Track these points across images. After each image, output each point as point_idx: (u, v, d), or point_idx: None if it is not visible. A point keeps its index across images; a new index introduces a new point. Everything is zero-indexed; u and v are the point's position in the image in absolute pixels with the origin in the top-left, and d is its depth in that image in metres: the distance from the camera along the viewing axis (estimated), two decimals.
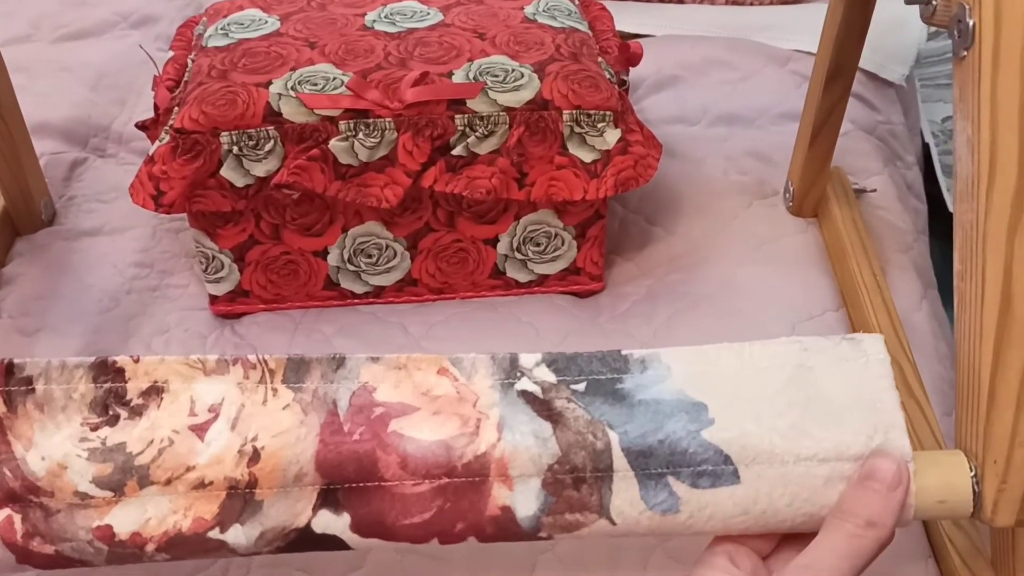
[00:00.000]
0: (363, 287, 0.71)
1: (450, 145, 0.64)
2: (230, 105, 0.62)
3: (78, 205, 0.80)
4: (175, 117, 0.63)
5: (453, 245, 0.69)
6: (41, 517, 0.41)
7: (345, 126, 0.63)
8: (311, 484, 0.42)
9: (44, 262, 0.75)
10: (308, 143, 0.63)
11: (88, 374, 0.43)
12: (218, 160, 0.63)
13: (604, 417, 0.42)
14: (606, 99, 0.65)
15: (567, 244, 0.70)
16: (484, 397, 0.43)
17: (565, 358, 0.44)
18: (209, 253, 0.68)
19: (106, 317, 0.70)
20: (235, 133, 0.62)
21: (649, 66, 0.91)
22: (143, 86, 0.92)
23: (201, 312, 0.71)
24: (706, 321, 0.69)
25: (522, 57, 0.67)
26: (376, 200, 0.64)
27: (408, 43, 0.68)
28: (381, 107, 0.63)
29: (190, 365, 0.43)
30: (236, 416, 0.42)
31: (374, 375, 0.43)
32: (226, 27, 0.71)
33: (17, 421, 0.42)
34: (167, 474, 0.41)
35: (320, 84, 0.64)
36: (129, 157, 0.86)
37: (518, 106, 0.64)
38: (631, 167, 0.65)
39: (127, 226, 0.78)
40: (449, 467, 0.41)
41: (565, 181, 0.65)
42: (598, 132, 0.65)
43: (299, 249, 0.68)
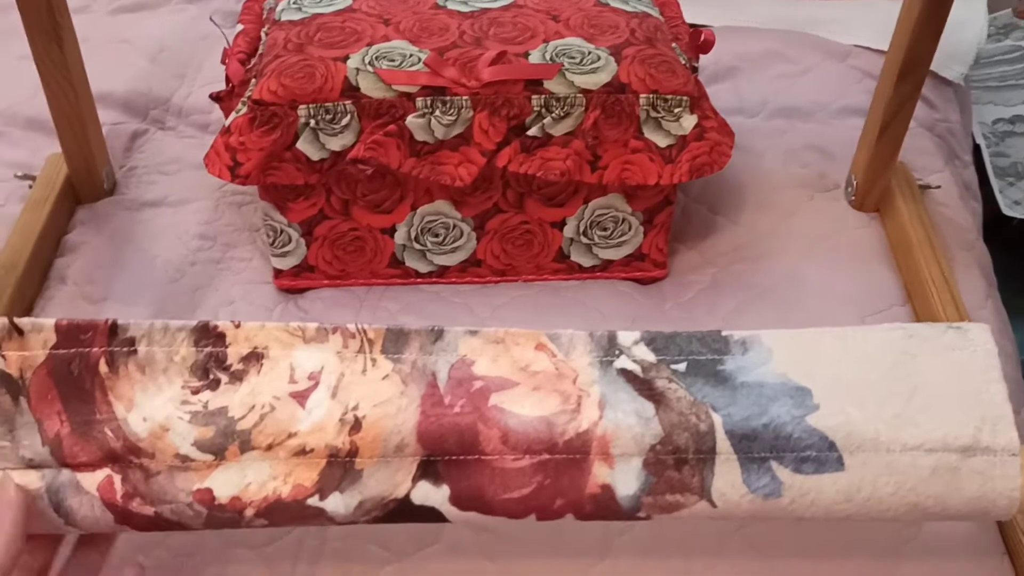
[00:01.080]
0: (427, 266, 0.71)
1: (525, 125, 0.64)
2: (308, 78, 0.62)
3: (139, 176, 0.80)
4: (253, 88, 0.63)
5: (520, 227, 0.69)
6: (141, 478, 0.41)
7: (422, 103, 0.63)
8: (411, 455, 0.41)
9: (107, 231, 0.75)
10: (385, 119, 0.63)
11: (190, 337, 0.42)
12: (294, 133, 0.63)
13: (707, 399, 0.42)
14: (683, 84, 0.64)
15: (634, 229, 0.70)
16: (583, 374, 0.43)
17: (664, 337, 0.44)
18: (277, 226, 0.68)
19: (171, 288, 0.70)
20: (313, 106, 0.62)
21: (707, 57, 0.90)
22: (202, 61, 0.92)
23: (265, 286, 0.71)
24: (772, 312, 0.68)
25: (597, 40, 0.66)
26: (450, 178, 0.64)
27: (482, 22, 0.68)
28: (458, 85, 0.63)
29: (290, 332, 0.43)
30: (336, 384, 0.42)
31: (472, 348, 0.43)
32: (298, 2, 0.70)
33: (119, 382, 0.42)
34: (268, 440, 0.41)
35: (397, 60, 0.63)
36: (188, 130, 0.86)
37: (595, 88, 0.63)
38: (706, 153, 0.65)
39: (189, 198, 0.78)
40: (550, 443, 0.41)
41: (639, 165, 0.65)
42: (674, 117, 0.64)
43: (367, 226, 0.68)
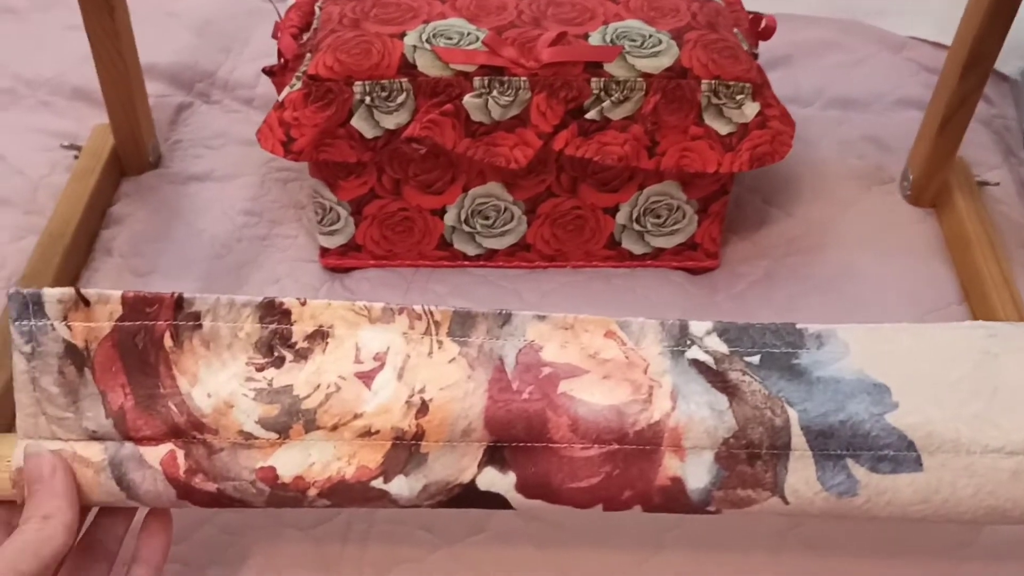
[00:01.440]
0: (475, 249, 0.70)
1: (584, 108, 0.62)
2: (365, 54, 0.61)
3: (184, 149, 0.80)
4: (308, 63, 0.62)
5: (572, 212, 0.68)
6: (204, 454, 0.41)
7: (480, 82, 0.61)
8: (478, 440, 0.40)
9: (152, 204, 0.74)
10: (441, 97, 0.61)
11: (255, 314, 0.42)
12: (349, 110, 0.62)
13: (782, 393, 0.40)
14: (746, 71, 0.63)
15: (688, 218, 0.68)
16: (654, 364, 0.42)
17: (737, 328, 0.43)
18: (327, 204, 0.67)
19: (218, 263, 0.69)
20: (368, 83, 0.61)
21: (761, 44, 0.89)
22: (248, 35, 0.91)
23: (310, 264, 0.70)
24: (828, 307, 0.67)
25: (658, 23, 0.65)
26: (505, 160, 0.63)
27: (540, 3, 0.66)
28: (517, 65, 0.61)
29: (356, 311, 0.42)
30: (402, 366, 0.41)
31: (540, 334, 0.42)
32: None
33: (183, 356, 0.41)
34: (334, 420, 0.40)
35: (455, 39, 0.62)
36: (234, 104, 0.85)
37: (656, 72, 0.62)
38: (768, 142, 0.63)
39: (235, 174, 0.77)
40: (621, 433, 0.40)
41: (699, 152, 0.63)
42: (736, 104, 0.63)
43: (417, 206, 0.67)
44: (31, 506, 0.41)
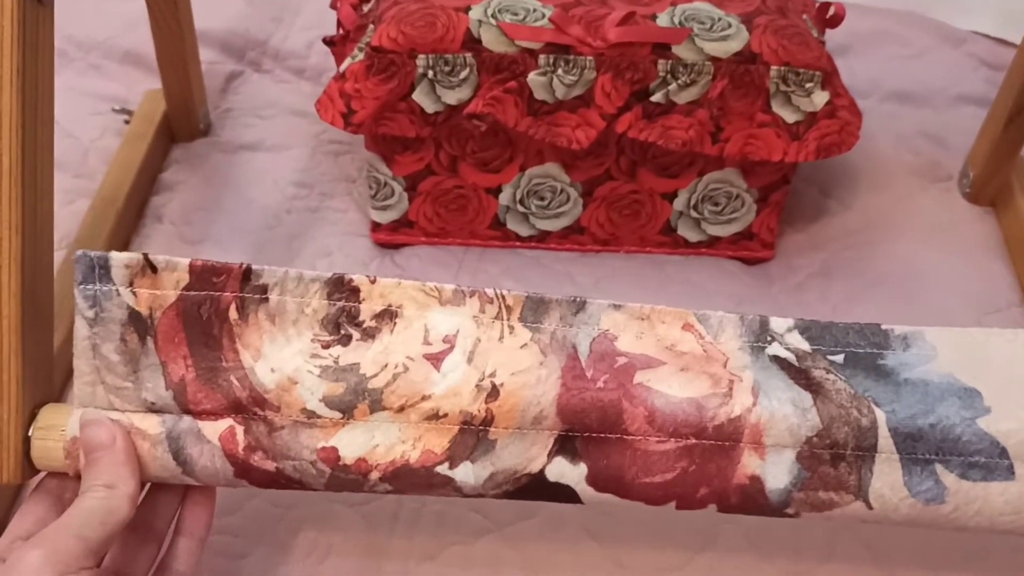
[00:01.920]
0: (528, 230, 0.69)
1: (649, 91, 0.61)
2: (429, 27, 0.60)
3: (235, 118, 0.79)
4: (371, 34, 0.61)
5: (629, 196, 0.67)
6: (265, 432, 0.40)
7: (544, 60, 0.60)
8: (549, 429, 0.40)
9: (203, 172, 0.74)
10: (505, 74, 0.60)
11: (324, 290, 0.41)
12: (411, 83, 0.61)
13: (869, 393, 0.39)
14: (817, 58, 0.61)
15: (747, 207, 0.67)
16: (734, 359, 0.41)
17: (819, 326, 0.42)
18: (381, 179, 0.66)
19: (269, 234, 0.69)
20: (432, 56, 0.60)
21: None
22: (300, 5, 0.90)
23: (361, 239, 0.69)
24: (886, 303, 0.66)
25: (728, 6, 0.63)
26: (567, 140, 0.62)
27: None
28: (583, 44, 0.60)
29: (426, 292, 0.41)
30: (472, 349, 0.40)
31: (615, 323, 0.41)
32: None
33: (247, 329, 0.40)
34: (401, 401, 0.40)
35: (521, 15, 0.61)
36: (284, 75, 0.84)
37: (724, 57, 0.61)
38: (836, 132, 0.62)
39: (286, 144, 0.76)
40: (699, 427, 0.39)
41: (764, 140, 0.62)
42: (805, 92, 0.61)
43: (473, 184, 0.66)
44: (92, 474, 0.40)
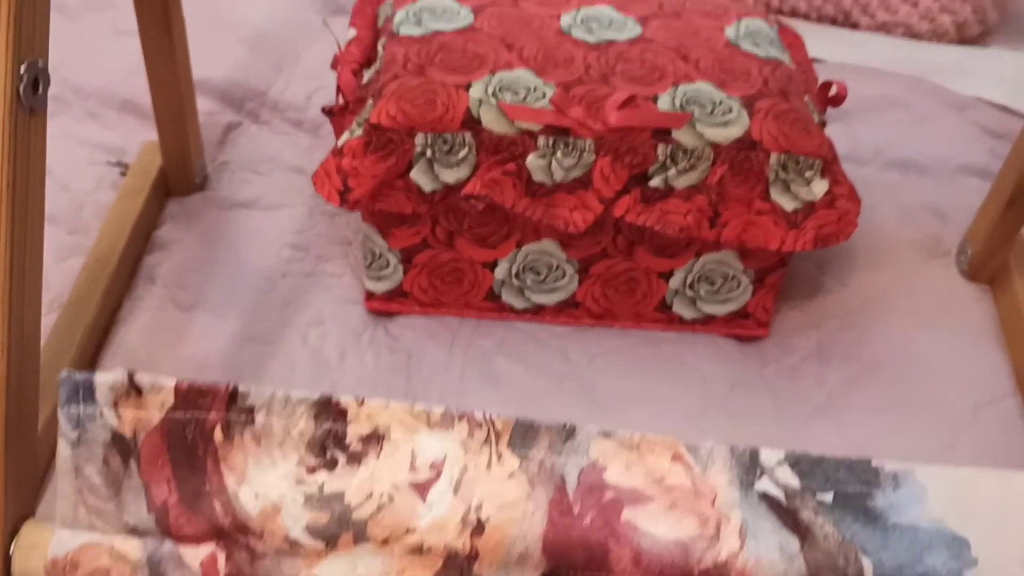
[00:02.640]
0: (524, 303, 0.68)
1: (648, 175, 0.61)
2: (429, 105, 0.60)
3: (232, 172, 0.78)
4: (370, 110, 0.60)
5: (625, 273, 0.67)
6: (247, 559, 0.39)
7: (544, 142, 0.60)
8: (534, 567, 0.39)
9: (198, 230, 0.73)
10: (504, 155, 0.60)
11: (310, 411, 0.40)
12: (409, 161, 0.60)
13: (856, 539, 0.39)
14: (817, 146, 0.61)
15: (743, 287, 0.67)
16: (723, 495, 0.40)
17: (809, 460, 0.41)
18: (377, 251, 0.66)
19: (262, 300, 0.68)
20: (431, 135, 0.60)
21: None
22: (300, 52, 0.89)
23: (355, 306, 0.69)
24: (882, 391, 0.65)
25: (729, 88, 0.63)
26: (564, 223, 0.61)
27: (609, 56, 0.65)
28: (583, 127, 0.60)
29: (414, 415, 0.41)
30: (459, 478, 0.40)
31: (604, 452, 0.41)
32: (418, 14, 0.68)
33: (232, 451, 0.40)
34: (385, 533, 0.39)
35: (521, 94, 0.61)
36: (283, 127, 0.83)
37: (725, 143, 0.60)
38: (834, 223, 0.62)
39: (282, 203, 0.76)
40: (685, 570, 0.39)
41: (762, 228, 0.62)
42: (804, 181, 0.61)
43: (469, 258, 0.66)
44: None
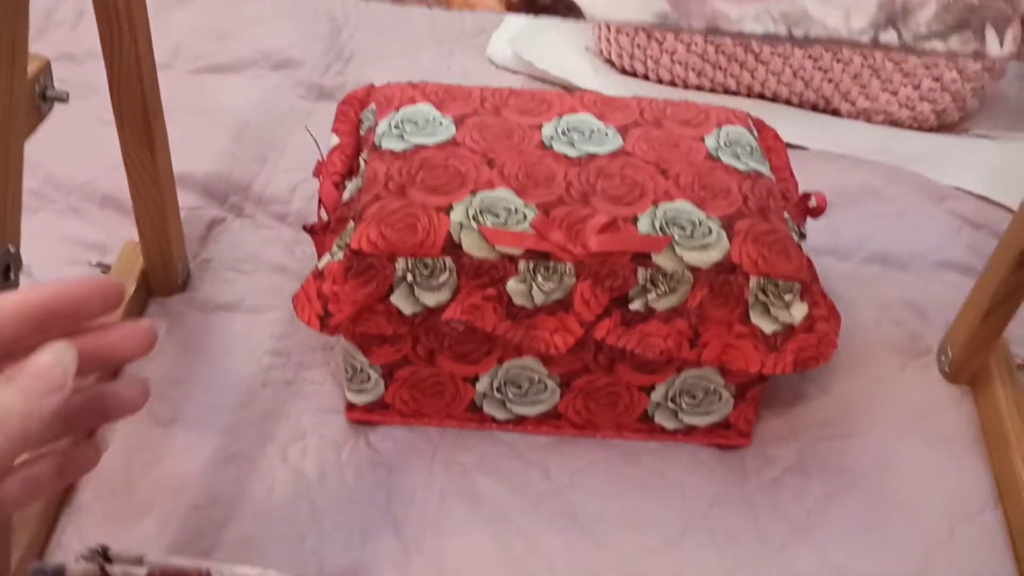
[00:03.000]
0: (505, 414, 0.68)
1: (628, 298, 0.61)
2: (410, 230, 0.60)
3: (214, 271, 0.78)
4: (351, 233, 0.60)
5: (607, 387, 0.67)
6: None
7: (524, 266, 0.60)
8: None
9: (180, 335, 0.73)
10: (484, 279, 0.60)
11: None
12: (389, 285, 0.60)
13: None
14: (796, 269, 0.61)
15: (724, 400, 0.67)
16: None
17: None
18: (358, 365, 0.66)
19: (242, 414, 0.68)
20: (411, 260, 0.60)
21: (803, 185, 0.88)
22: (285, 142, 0.90)
23: (335, 416, 0.69)
24: (861, 507, 0.66)
25: (708, 206, 0.63)
26: (545, 346, 0.61)
27: (589, 172, 0.65)
28: (564, 251, 0.60)
29: None
30: None
31: None
32: (400, 125, 0.68)
33: None
34: None
35: (502, 216, 0.61)
36: (266, 220, 0.84)
37: (704, 267, 0.61)
38: (814, 346, 0.62)
39: (264, 305, 0.76)
40: None
41: (742, 351, 0.62)
42: (784, 304, 0.61)
43: (450, 374, 0.66)
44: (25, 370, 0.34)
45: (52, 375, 0.35)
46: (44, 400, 0.34)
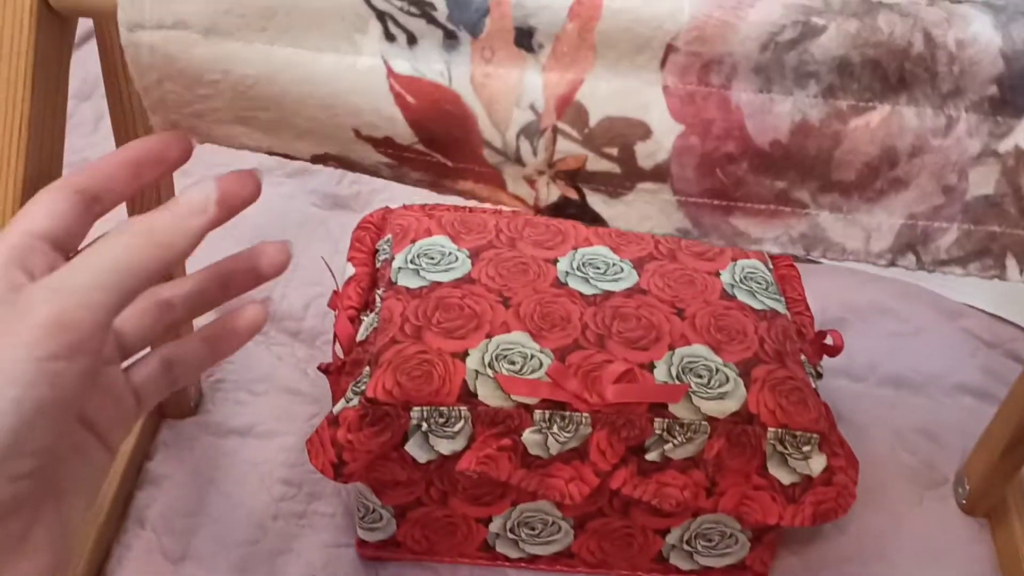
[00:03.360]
0: (518, 553, 0.68)
1: (645, 447, 0.61)
2: (426, 378, 0.60)
3: (226, 392, 0.78)
4: (367, 379, 0.60)
5: (621, 529, 0.66)
6: None
7: (540, 416, 0.60)
8: None
9: (190, 463, 0.72)
10: (500, 428, 0.60)
11: None
12: (404, 433, 0.60)
13: None
14: (814, 420, 0.61)
15: (740, 544, 0.66)
16: None
17: None
18: (370, 505, 0.65)
19: (252, 550, 0.67)
20: (427, 409, 0.59)
21: (814, 302, 0.87)
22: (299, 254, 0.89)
23: (346, 550, 0.68)
24: None
25: (725, 351, 0.63)
26: (560, 495, 0.61)
27: (605, 313, 0.65)
28: (580, 400, 0.60)
29: None
30: None
31: None
32: (416, 260, 0.68)
33: None
34: None
35: (518, 363, 0.61)
36: (280, 337, 0.83)
37: (722, 416, 0.60)
38: (832, 499, 0.61)
39: (276, 431, 0.75)
40: None
41: (760, 502, 0.61)
42: (802, 455, 0.61)
43: (463, 515, 0.65)
44: None
45: (197, 199, 0.40)
46: (192, 219, 0.40)
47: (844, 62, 0.35)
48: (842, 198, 0.37)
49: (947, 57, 0.35)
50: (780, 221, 0.37)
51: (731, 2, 0.35)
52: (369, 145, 0.39)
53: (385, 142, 0.39)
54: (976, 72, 0.35)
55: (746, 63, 0.35)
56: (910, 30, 0.34)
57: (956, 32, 0.34)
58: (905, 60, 0.35)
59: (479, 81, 0.37)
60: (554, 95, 0.37)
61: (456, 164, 0.38)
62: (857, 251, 0.37)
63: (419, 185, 0.41)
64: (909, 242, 0.37)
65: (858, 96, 0.36)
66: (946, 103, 0.35)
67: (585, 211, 0.38)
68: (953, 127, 0.36)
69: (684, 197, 0.37)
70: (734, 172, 0.37)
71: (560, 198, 0.38)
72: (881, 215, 0.37)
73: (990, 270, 0.37)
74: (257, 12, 0.37)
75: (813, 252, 0.38)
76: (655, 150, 0.37)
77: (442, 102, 0.37)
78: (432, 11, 0.36)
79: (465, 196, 0.40)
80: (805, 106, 0.36)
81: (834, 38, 0.35)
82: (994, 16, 0.34)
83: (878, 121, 0.36)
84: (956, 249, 0.37)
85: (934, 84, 0.35)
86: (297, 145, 0.41)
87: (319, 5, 0.36)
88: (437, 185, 0.40)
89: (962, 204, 0.37)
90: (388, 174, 0.41)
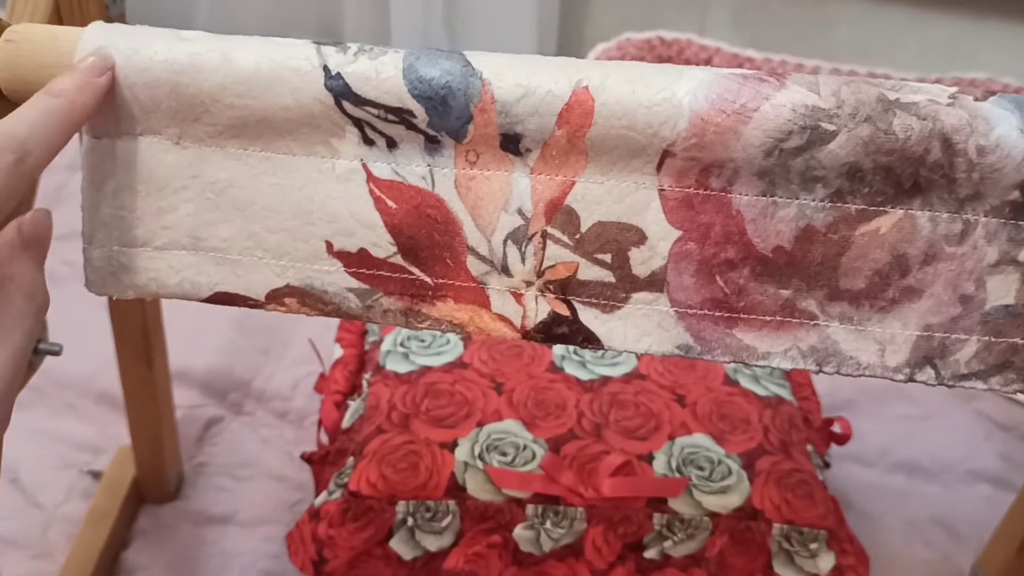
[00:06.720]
0: None
1: (643, 544, 0.57)
2: (412, 471, 0.57)
3: (209, 477, 0.75)
4: (351, 470, 0.57)
5: None
6: None
7: (532, 511, 0.57)
8: None
9: (168, 553, 0.69)
10: (489, 524, 0.57)
11: None
12: (389, 529, 0.57)
13: None
14: (822, 516, 0.58)
15: None
16: None
17: None
18: None
19: None
20: (413, 503, 0.56)
21: (823, 383, 0.84)
22: (290, 334, 0.87)
23: None
24: None
25: (727, 440, 0.60)
26: None
27: (602, 400, 0.62)
28: (575, 494, 0.57)
29: None
30: None
31: None
32: (405, 344, 0.66)
33: None
34: None
35: (510, 454, 0.58)
36: (267, 418, 0.81)
37: (724, 512, 0.57)
38: None
39: (258, 519, 0.72)
40: None
41: None
42: (809, 553, 0.58)
43: None
44: None
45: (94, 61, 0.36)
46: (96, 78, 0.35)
47: (854, 168, 0.33)
48: (852, 307, 0.35)
49: (966, 164, 0.33)
50: (788, 333, 0.35)
51: (735, 104, 0.33)
52: (339, 264, 0.36)
53: (359, 256, 0.36)
54: (998, 179, 0.33)
55: (748, 168, 0.33)
56: (927, 136, 0.32)
57: (978, 139, 0.32)
58: (921, 167, 0.33)
59: (464, 184, 0.35)
60: (543, 199, 0.35)
61: (436, 280, 0.36)
62: (872, 365, 0.35)
63: (388, 320, 0.37)
64: (927, 355, 0.35)
65: (868, 200, 0.33)
66: (963, 207, 0.33)
67: (577, 330, 0.36)
68: (970, 233, 0.33)
69: (683, 308, 0.35)
70: (735, 279, 0.34)
71: (550, 315, 0.36)
72: (895, 326, 0.35)
73: (1013, 383, 0.35)
74: (228, 123, 0.35)
75: (827, 367, 0.35)
76: (650, 256, 0.35)
77: (424, 206, 0.35)
78: (411, 118, 0.34)
79: (442, 328, 0.37)
80: (811, 211, 0.34)
81: (844, 144, 0.33)
82: (1022, 117, 0.32)
83: (888, 226, 0.34)
84: (976, 363, 0.35)
85: (951, 189, 0.33)
86: (253, 278, 0.37)
87: (289, 116, 0.34)
88: (411, 313, 0.36)
89: (981, 315, 0.34)
90: (355, 306, 0.37)
